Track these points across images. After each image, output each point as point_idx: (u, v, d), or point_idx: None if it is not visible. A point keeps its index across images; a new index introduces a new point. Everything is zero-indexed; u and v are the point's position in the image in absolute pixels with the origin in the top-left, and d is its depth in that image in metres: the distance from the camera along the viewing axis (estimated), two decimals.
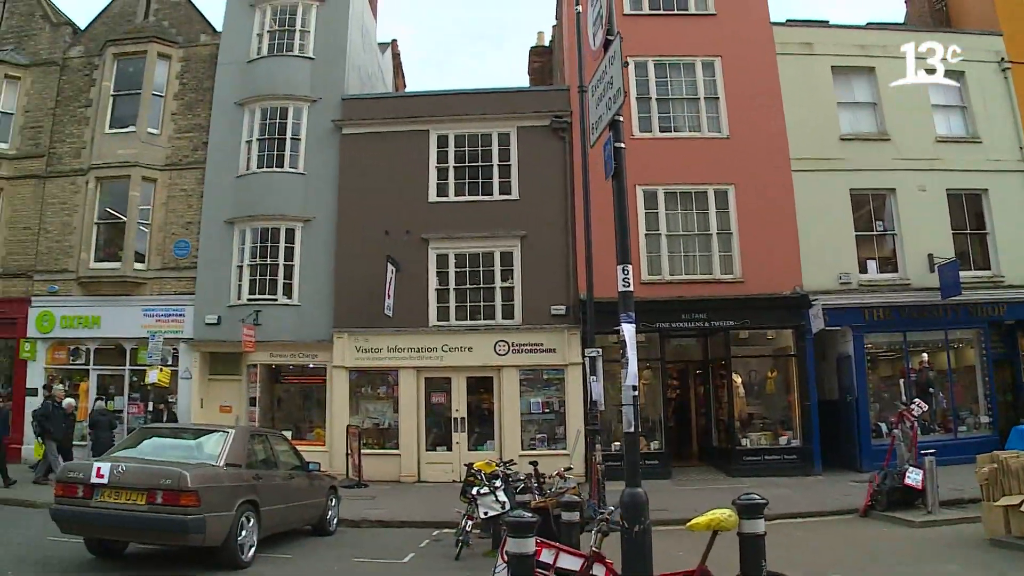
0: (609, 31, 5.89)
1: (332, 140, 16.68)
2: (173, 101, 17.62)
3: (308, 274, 16.09)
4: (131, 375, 16.93)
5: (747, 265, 15.32)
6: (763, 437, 15.43)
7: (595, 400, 11.41)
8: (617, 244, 5.69)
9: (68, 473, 7.26)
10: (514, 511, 5.53)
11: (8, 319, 17.56)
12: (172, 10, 18.42)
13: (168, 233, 16.84)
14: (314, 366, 16.33)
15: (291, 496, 8.75)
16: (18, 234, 17.76)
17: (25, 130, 18.24)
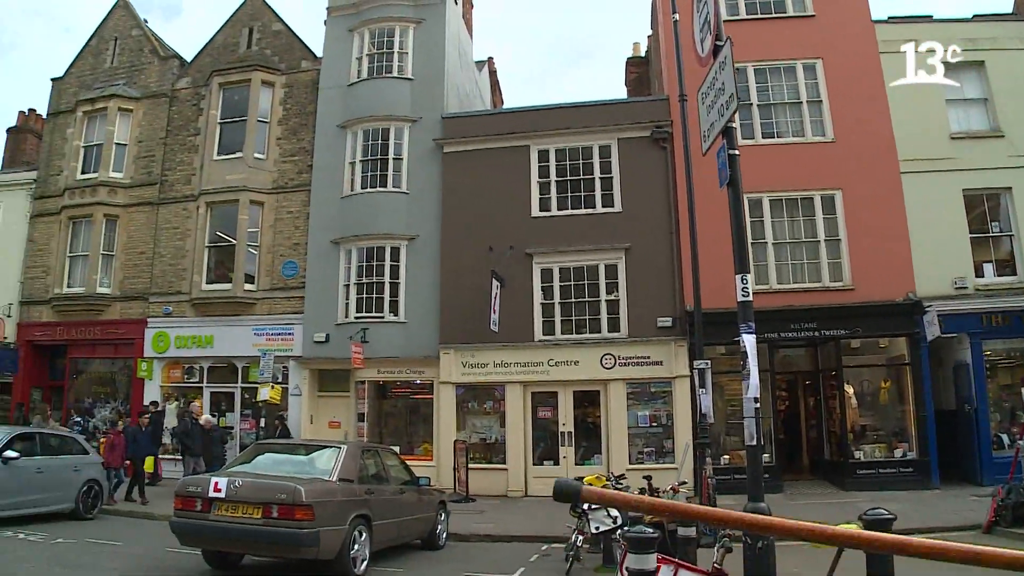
0: (718, 36, 6.02)
1: (434, 158, 18.09)
2: (278, 126, 19.41)
3: (414, 291, 17.53)
4: (243, 392, 18.66)
5: (857, 272, 15.89)
6: (877, 449, 15.87)
7: (704, 413, 11.81)
8: (735, 253, 6.00)
9: (188, 488, 7.89)
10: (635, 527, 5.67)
11: (126, 340, 19.60)
12: (273, 39, 20.28)
13: (276, 254, 18.53)
14: (421, 382, 17.71)
15: (402, 510, 9.32)
16: (134, 259, 19.81)
17: (138, 159, 20.38)
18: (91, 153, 20.97)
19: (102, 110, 20.93)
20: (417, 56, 19.12)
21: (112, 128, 20.69)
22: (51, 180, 21.51)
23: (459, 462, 15.85)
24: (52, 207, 21.14)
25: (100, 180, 20.41)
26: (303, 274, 18.40)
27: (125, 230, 20.17)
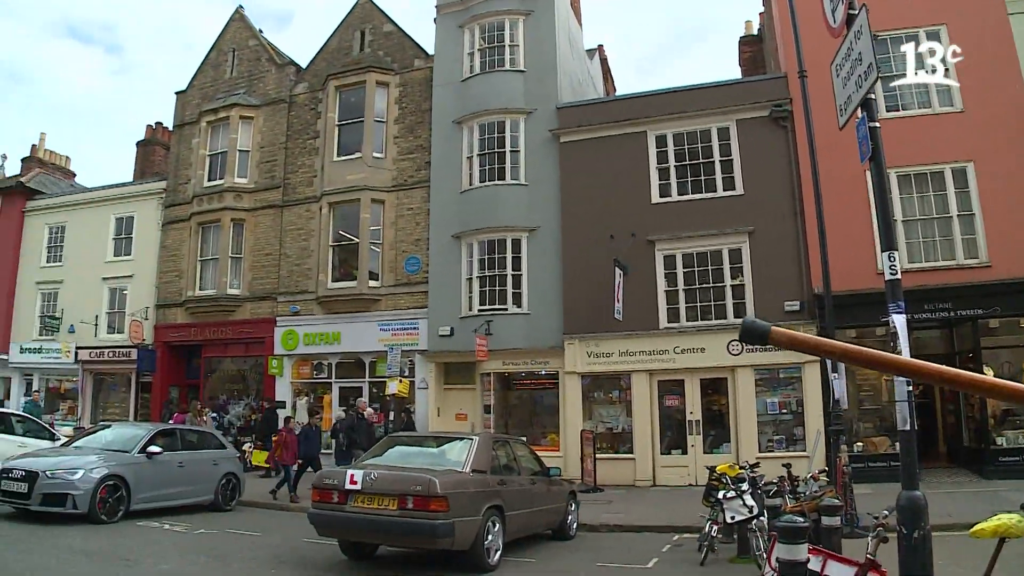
0: (851, 5, 6.22)
1: (550, 149, 20.01)
2: (394, 125, 21.77)
3: (536, 282, 19.54)
4: (371, 387, 21.14)
5: (994, 248, 16.33)
6: (1021, 436, 16.30)
7: (837, 399, 12.16)
8: (880, 230, 6.55)
9: (325, 480, 8.86)
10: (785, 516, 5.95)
11: (257, 339, 22.41)
12: (385, 39, 22.68)
13: (399, 251, 20.89)
14: (546, 372, 19.67)
15: (533, 501, 10.12)
16: (261, 260, 22.61)
17: (261, 164, 23.21)
18: (216, 161, 24.10)
19: (224, 119, 24.04)
20: (528, 48, 21.04)
21: (235, 136, 23.73)
22: (180, 189, 24.79)
23: (586, 452, 17.52)
24: (182, 214, 24.35)
25: (226, 186, 23.45)
26: (426, 269, 20.70)
27: (252, 233, 23.02)
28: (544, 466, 11.32)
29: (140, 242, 25.78)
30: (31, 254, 28.68)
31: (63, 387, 27.70)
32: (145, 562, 8.83)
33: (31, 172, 31.18)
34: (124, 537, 10.42)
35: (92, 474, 11.37)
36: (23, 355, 27.93)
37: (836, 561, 5.43)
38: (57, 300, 27.63)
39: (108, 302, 26.42)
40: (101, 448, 12.57)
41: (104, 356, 25.75)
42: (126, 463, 12.02)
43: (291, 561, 9.22)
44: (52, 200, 29.06)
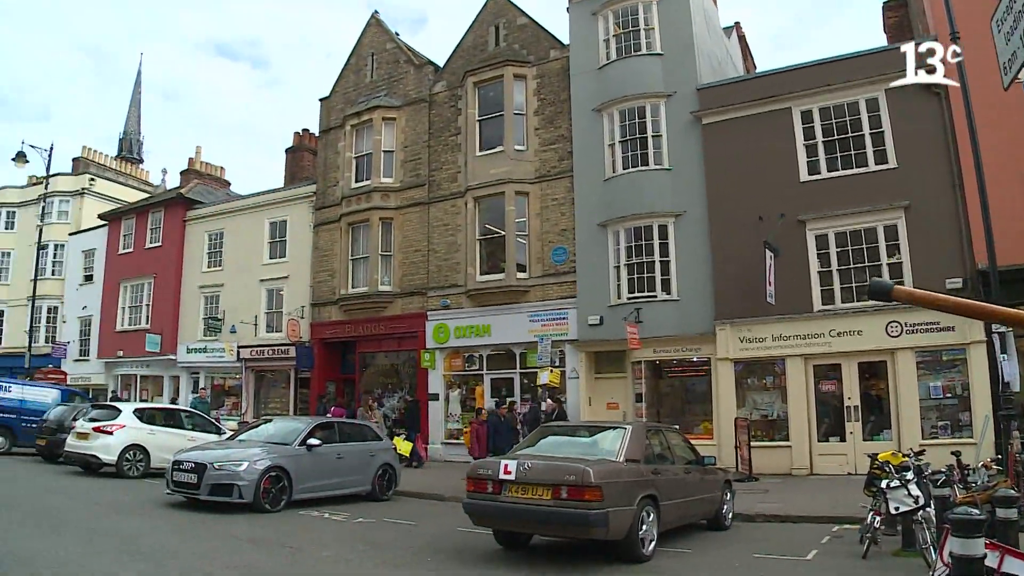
0: None
1: (693, 132, 21.56)
2: (534, 117, 23.78)
3: (685, 268, 21.13)
4: (521, 377, 23.31)
5: None
6: None
7: (1007, 381, 12.31)
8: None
9: (479, 470, 9.58)
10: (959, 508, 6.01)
11: (409, 333, 25.09)
12: (520, 32, 24.68)
13: (545, 242, 22.90)
14: (697, 359, 21.24)
15: (688, 490, 10.64)
16: (410, 256, 25.23)
17: (406, 164, 25.86)
18: (362, 162, 27.09)
19: (368, 122, 26.95)
20: (664, 30, 22.56)
21: (379, 137, 26.57)
22: (329, 191, 27.91)
23: (741, 440, 18.54)
24: (332, 216, 27.45)
25: (373, 187, 26.28)
26: (573, 259, 22.70)
27: (400, 230, 25.72)
28: (698, 455, 11.89)
29: (294, 244, 29.27)
30: (193, 260, 32.99)
31: (227, 384, 31.78)
32: (307, 549, 9.80)
33: (189, 184, 35.70)
34: (286, 525, 11.70)
35: (256, 466, 12.97)
36: (189, 355, 32.25)
37: (1015, 557, 5.39)
38: (219, 302, 31.72)
39: (266, 302, 30.14)
40: (264, 441, 14.30)
41: (264, 354, 29.40)
42: (287, 455, 13.62)
43: (447, 550, 10.00)
44: (210, 209, 33.32)
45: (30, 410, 24.17)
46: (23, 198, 43.04)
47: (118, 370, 35.97)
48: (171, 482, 13.40)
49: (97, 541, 9.64)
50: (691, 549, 10.11)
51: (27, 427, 23.49)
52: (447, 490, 15.80)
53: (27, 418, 23.86)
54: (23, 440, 23.44)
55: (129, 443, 17.61)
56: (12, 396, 24.49)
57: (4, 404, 24.07)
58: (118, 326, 35.90)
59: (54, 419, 21.84)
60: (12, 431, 23.86)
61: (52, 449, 20.57)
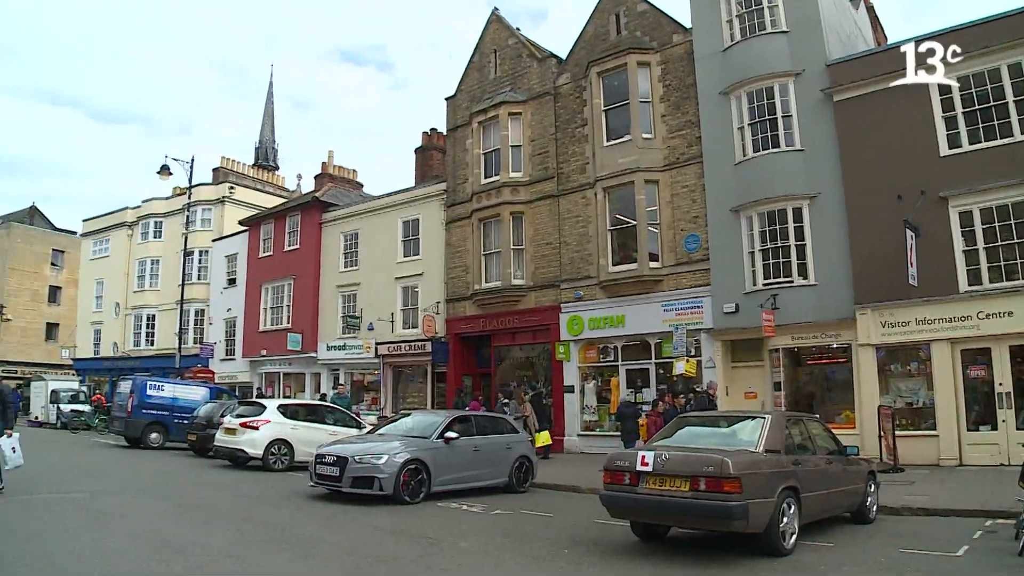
0: None
1: (824, 110, 21.88)
2: (660, 104, 24.66)
3: (821, 251, 21.45)
4: (656, 368, 24.26)
5: None
6: None
7: None
8: None
9: (616, 462, 9.78)
10: None
11: (542, 326, 26.46)
12: (641, 19, 25.55)
13: (677, 230, 23.78)
14: (837, 346, 21.53)
15: (830, 482, 10.60)
16: (542, 250, 26.55)
17: (533, 157, 27.15)
18: (490, 158, 28.67)
19: (494, 118, 28.51)
20: (789, 7, 22.85)
21: (505, 132, 28.02)
22: (459, 188, 29.66)
23: (884, 429, 18.27)
24: (463, 212, 29.20)
25: (502, 182, 27.77)
26: (706, 246, 23.47)
27: (531, 224, 27.07)
28: (840, 445, 11.89)
29: (427, 242, 31.23)
30: (330, 261, 35.50)
31: (366, 380, 34.08)
32: (446, 540, 10.25)
33: (324, 187, 38.40)
34: (425, 517, 12.28)
35: (396, 459, 13.71)
36: (329, 352, 34.77)
37: None
38: (356, 301, 34.10)
39: (402, 300, 32.26)
40: (403, 435, 15.13)
41: (401, 350, 31.45)
42: (426, 448, 14.36)
43: (584, 541, 10.31)
44: (345, 210, 35.85)
45: (181, 407, 27.16)
46: (168, 208, 47.30)
47: (262, 368, 39.12)
48: (314, 475, 14.48)
49: (246, 531, 10.58)
50: (833, 543, 10.14)
51: (179, 423, 26.48)
52: (583, 482, 16.37)
53: (179, 415, 26.88)
54: (175, 435, 26.39)
55: (274, 438, 19.40)
56: (164, 394, 27.53)
57: (157, 402, 27.12)
58: (261, 326, 39.04)
59: (203, 416, 24.48)
60: (165, 427, 26.88)
61: (202, 444, 23.05)
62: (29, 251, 62.34)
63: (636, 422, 21.20)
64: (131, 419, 26.50)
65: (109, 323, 49.95)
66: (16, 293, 60.78)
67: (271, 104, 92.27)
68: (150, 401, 26.97)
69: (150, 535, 9.92)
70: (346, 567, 8.60)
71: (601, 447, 22.36)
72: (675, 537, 10.52)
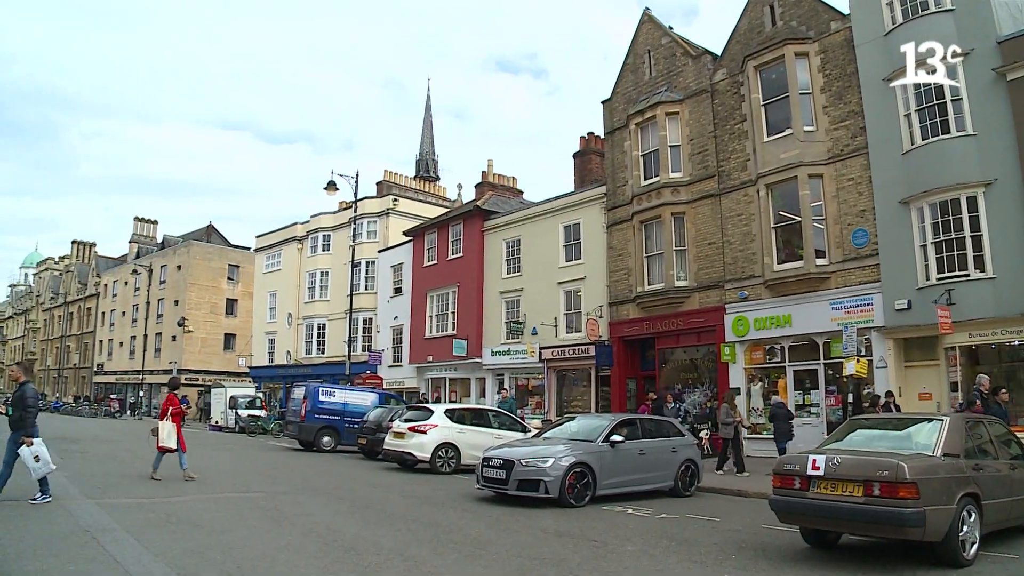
0: None
1: (997, 90, 21.69)
2: (820, 95, 25.12)
3: (999, 242, 21.19)
4: (825, 368, 24.72)
5: None
6: None
7: None
8: None
9: (785, 466, 9.92)
10: None
11: (707, 327, 27.44)
12: (796, 8, 26.16)
13: (843, 224, 24.20)
14: (1019, 343, 21.22)
15: (1014, 489, 10.36)
16: (705, 250, 27.48)
17: (693, 156, 28.16)
18: (649, 160, 29.93)
19: (651, 119, 29.79)
20: None
21: (663, 133, 29.22)
22: (618, 191, 31.07)
23: None
24: (623, 215, 30.59)
25: (662, 183, 29.00)
26: (874, 241, 23.74)
27: (692, 224, 28.12)
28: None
29: (588, 246, 32.78)
30: (493, 268, 37.62)
31: (530, 384, 35.89)
32: (611, 543, 10.53)
33: (484, 196, 40.73)
34: (591, 520, 12.63)
35: (561, 462, 14.26)
36: (493, 357, 36.84)
37: None
38: (519, 306, 36.03)
39: (564, 304, 33.86)
40: (568, 438, 15.73)
41: (564, 354, 33.05)
42: (591, 452, 14.87)
43: (751, 546, 10.49)
44: (505, 218, 37.95)
45: (351, 412, 29.75)
46: (336, 222, 51.20)
47: (428, 374, 41.76)
48: (481, 478, 15.23)
49: (415, 531, 11.11)
50: (1020, 555, 9.99)
51: (349, 427, 29.08)
52: (751, 486, 16.92)
53: (349, 419, 29.49)
54: (346, 439, 28.98)
55: (441, 441, 20.83)
56: (336, 400, 30.20)
57: (329, 407, 29.81)
58: (427, 333, 41.70)
59: (373, 420, 26.70)
60: (337, 431, 29.52)
61: (371, 447, 25.10)
62: (207, 267, 68.73)
63: (789, 423, 21.64)
64: (304, 424, 29.28)
65: (282, 333, 54.50)
66: (197, 306, 67.21)
67: (429, 117, 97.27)
68: (322, 406, 29.70)
69: (323, 533, 10.70)
70: (512, 568, 8.94)
71: (769, 450, 22.88)
72: (847, 544, 10.59)
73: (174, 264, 69.94)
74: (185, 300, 66.96)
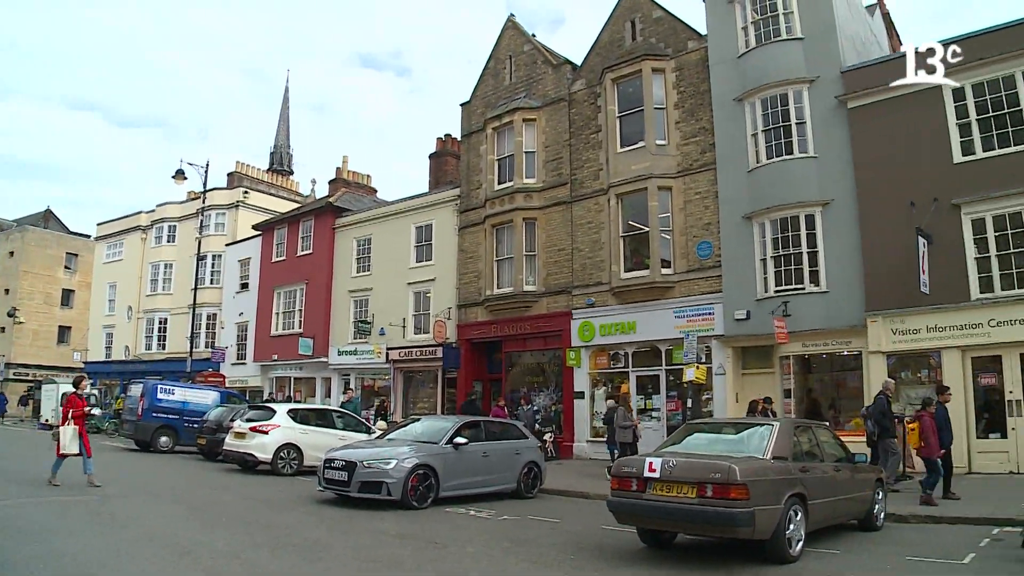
0: None
1: (838, 117, 22.12)
2: (674, 110, 25.01)
3: (833, 259, 21.62)
4: (667, 374, 24.54)
5: None
6: None
7: None
8: None
9: (623, 468, 10.04)
10: None
11: (554, 332, 26.83)
12: (656, 26, 25.95)
13: (689, 236, 24.10)
14: (847, 353, 21.73)
15: (837, 489, 10.80)
16: (554, 256, 26.94)
17: (547, 163, 27.64)
18: (504, 164, 29.19)
19: (508, 124, 29.02)
20: (803, 13, 23.10)
21: (520, 138, 28.48)
22: (472, 194, 30.20)
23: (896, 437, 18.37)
24: (476, 218, 29.70)
25: (516, 188, 28.22)
26: (718, 253, 23.74)
27: (544, 230, 27.47)
28: (849, 452, 12.08)
29: (439, 247, 31.67)
30: (343, 266, 36.06)
31: (376, 385, 34.26)
32: (452, 546, 10.39)
33: (338, 192, 39.08)
34: (433, 522, 12.44)
35: (404, 464, 13.89)
36: (340, 357, 35.19)
37: None
38: (368, 306, 34.52)
39: (413, 305, 32.69)
40: (412, 440, 15.27)
41: (412, 355, 31.86)
42: (435, 453, 14.54)
43: (590, 548, 10.49)
44: (357, 216, 36.42)
45: (191, 411, 27.49)
46: (183, 213, 48.07)
47: (273, 373, 39.57)
48: (323, 479, 14.64)
49: (254, 533, 10.66)
50: (840, 550, 10.29)
51: (189, 427, 26.75)
52: (592, 488, 16.60)
53: (189, 419, 27.19)
54: (185, 439, 26.68)
55: (283, 442, 19.58)
56: (175, 398, 27.87)
57: (168, 406, 27.45)
58: (272, 331, 39.50)
59: (213, 419, 24.72)
60: (175, 431, 27.19)
61: (211, 448, 23.24)
62: (43, 254, 63.08)
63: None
64: (141, 423, 26.81)
65: (121, 327, 50.60)
66: (29, 296, 61.47)
67: (287, 109, 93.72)
68: (160, 405, 27.27)
69: (158, 537, 10.07)
70: (351, 571, 8.76)
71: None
72: (682, 544, 10.67)
73: (5, 250, 63.93)
74: (17, 289, 61.20)
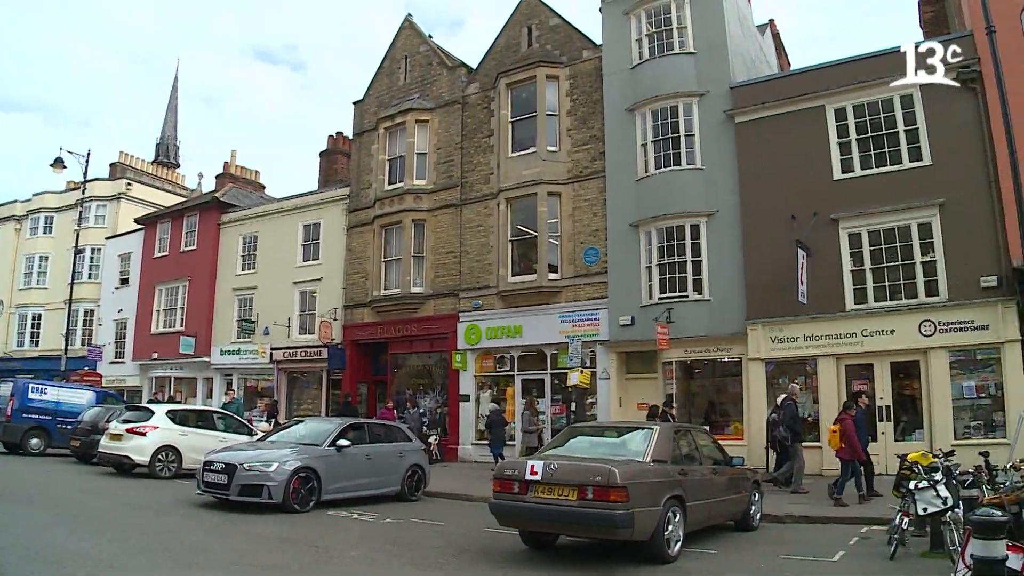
0: None
1: (726, 131, 22.32)
2: (567, 118, 24.73)
3: (716, 268, 21.79)
4: (552, 378, 24.24)
5: None
6: None
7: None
8: None
9: (505, 471, 10.00)
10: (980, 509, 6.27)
11: (440, 334, 26.17)
12: (552, 33, 25.65)
13: (577, 242, 23.81)
14: (728, 359, 21.91)
15: (715, 491, 11.03)
16: (443, 258, 26.32)
17: (438, 165, 27.02)
18: (395, 165, 28.41)
19: (401, 124, 28.28)
20: (697, 29, 23.30)
21: (412, 139, 27.83)
22: (362, 194, 29.34)
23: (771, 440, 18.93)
24: (365, 218, 28.77)
25: (406, 188, 27.49)
26: (605, 259, 23.57)
27: (433, 232, 26.82)
28: (727, 455, 12.33)
29: (327, 247, 30.59)
30: (227, 263, 34.51)
31: (259, 386, 32.85)
32: (334, 549, 10.24)
33: (224, 187, 37.32)
34: (315, 525, 12.18)
35: (286, 466, 13.44)
36: (223, 357, 33.65)
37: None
38: (252, 305, 33.09)
39: (299, 305, 31.47)
40: (294, 442, 14.86)
41: (296, 356, 30.65)
42: (317, 456, 14.11)
43: (472, 550, 10.41)
44: (244, 212, 34.93)
45: (65, 412, 25.47)
46: (61, 203, 45.17)
47: (153, 372, 37.53)
48: (202, 483, 13.98)
49: (129, 539, 10.10)
50: (717, 550, 10.43)
51: (62, 428, 24.76)
52: (476, 491, 16.29)
53: (62, 420, 25.14)
54: (58, 441, 24.70)
55: (161, 444, 18.46)
56: (47, 398, 25.79)
57: (40, 406, 25.38)
58: (153, 329, 37.47)
59: (88, 420, 22.94)
60: (47, 432, 25.14)
61: (86, 450, 21.55)
62: None
63: (503, 429, 22.02)
64: (10, 424, 24.74)
65: None
66: None
67: (175, 100, 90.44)
68: (32, 405, 25.20)
69: (24, 546, 9.24)
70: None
71: None
72: (563, 545, 10.64)
73: None
74: None
